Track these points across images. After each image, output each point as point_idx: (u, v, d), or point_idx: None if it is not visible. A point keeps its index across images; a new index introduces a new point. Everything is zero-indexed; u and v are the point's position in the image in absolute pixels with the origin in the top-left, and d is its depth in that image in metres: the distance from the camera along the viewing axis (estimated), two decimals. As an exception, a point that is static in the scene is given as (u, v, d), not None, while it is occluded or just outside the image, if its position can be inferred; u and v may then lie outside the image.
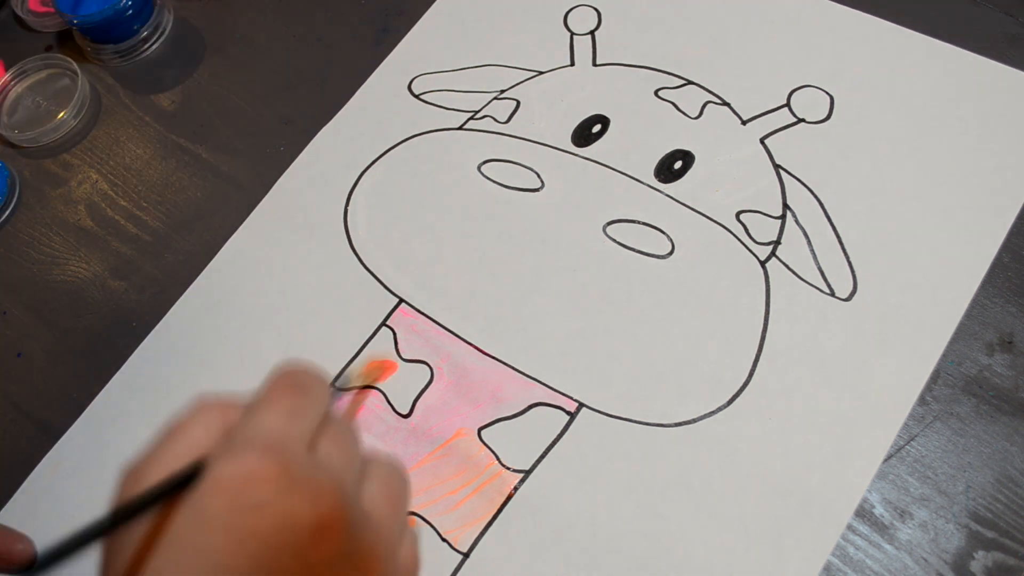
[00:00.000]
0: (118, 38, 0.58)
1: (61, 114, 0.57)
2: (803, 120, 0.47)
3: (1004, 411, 0.39)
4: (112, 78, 0.59)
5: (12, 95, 0.59)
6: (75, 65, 0.58)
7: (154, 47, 0.60)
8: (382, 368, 0.44)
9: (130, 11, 0.57)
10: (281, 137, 0.54)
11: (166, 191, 0.54)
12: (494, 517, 0.40)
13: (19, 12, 0.62)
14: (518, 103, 0.51)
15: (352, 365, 0.45)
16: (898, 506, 0.38)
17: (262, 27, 0.59)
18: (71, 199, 0.55)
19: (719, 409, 0.41)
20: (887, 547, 0.37)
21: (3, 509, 0.45)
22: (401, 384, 0.44)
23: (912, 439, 0.39)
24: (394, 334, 0.46)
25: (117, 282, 0.52)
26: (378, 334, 0.46)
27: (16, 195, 0.56)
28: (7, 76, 0.59)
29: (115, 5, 0.56)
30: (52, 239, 0.54)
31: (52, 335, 0.51)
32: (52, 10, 0.60)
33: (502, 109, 0.51)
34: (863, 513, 0.38)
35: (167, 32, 0.60)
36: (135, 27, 0.58)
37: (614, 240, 0.46)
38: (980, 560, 0.37)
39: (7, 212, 0.55)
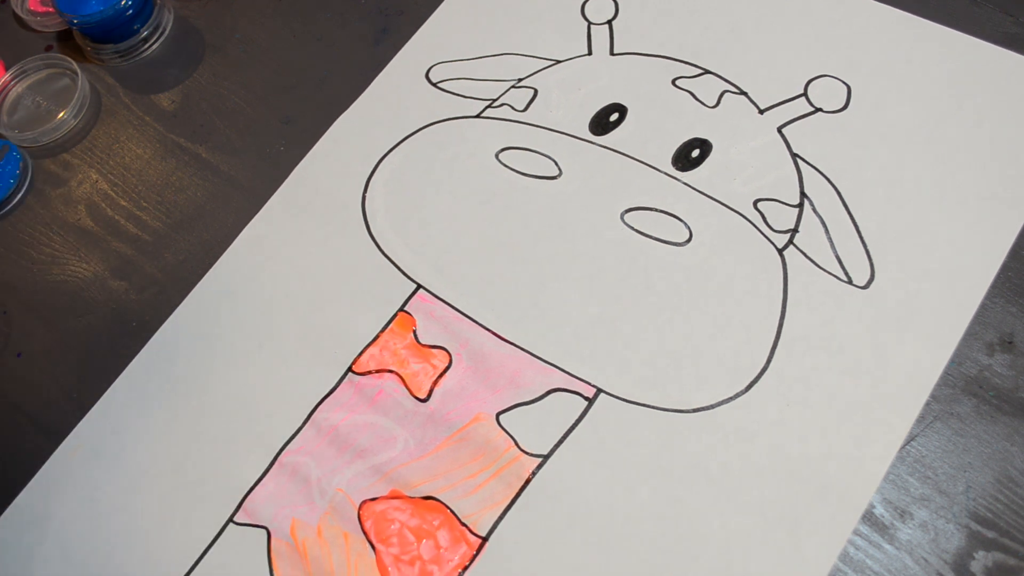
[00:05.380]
0: (118, 38, 0.60)
1: (61, 114, 0.59)
2: (820, 109, 0.49)
3: (1004, 411, 0.40)
4: (112, 78, 0.61)
5: (12, 95, 0.61)
6: (75, 65, 0.60)
7: (154, 47, 0.61)
8: None
9: (130, 11, 0.59)
10: (281, 137, 0.55)
11: (166, 191, 0.55)
12: (512, 501, 0.42)
13: (19, 12, 0.64)
14: (536, 92, 0.53)
15: None
16: (898, 506, 0.39)
17: (262, 27, 0.60)
18: (71, 199, 0.57)
19: (737, 395, 0.42)
20: (887, 547, 0.38)
21: (10, 507, 0.47)
22: (420, 369, 0.46)
23: (912, 439, 0.40)
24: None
25: (117, 282, 0.53)
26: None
27: (28, 178, 0.58)
28: (7, 76, 0.61)
29: (115, 5, 0.58)
30: (52, 239, 0.55)
31: (52, 335, 0.52)
32: (52, 10, 0.62)
33: (520, 97, 0.53)
34: (863, 513, 0.39)
35: (167, 32, 0.62)
36: (135, 27, 0.60)
37: (632, 228, 0.47)
38: (980, 560, 0.38)
39: (19, 195, 0.57)
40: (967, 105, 0.47)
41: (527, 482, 0.42)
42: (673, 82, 0.52)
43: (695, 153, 0.49)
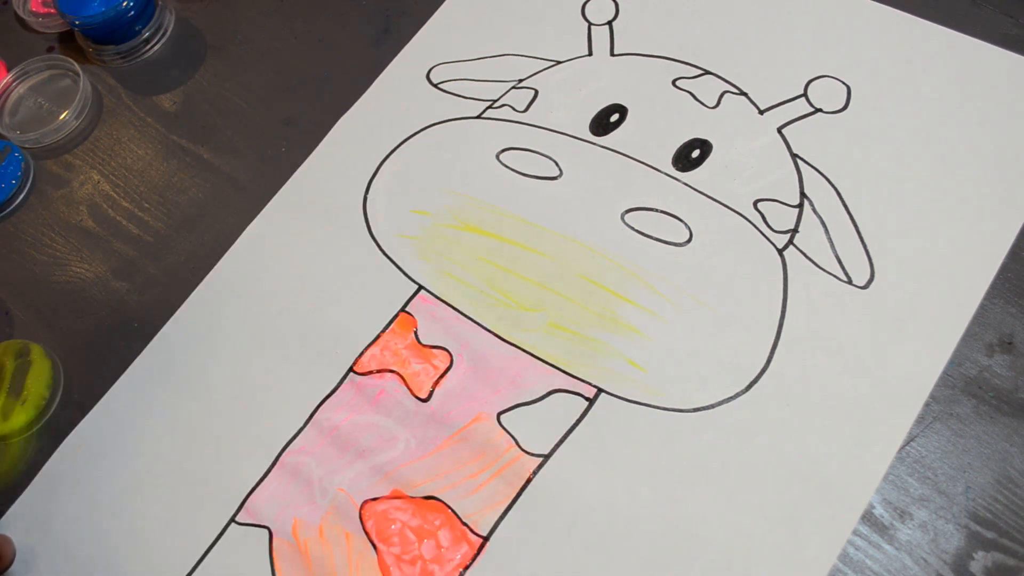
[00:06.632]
0: (120, 39, 0.61)
1: (63, 115, 0.59)
2: (820, 110, 0.49)
3: (1004, 412, 0.41)
4: (114, 79, 0.61)
5: (14, 96, 0.62)
6: (77, 66, 0.60)
7: (155, 48, 0.62)
8: None
9: (132, 12, 0.59)
10: (282, 138, 0.56)
11: (167, 192, 0.56)
12: (513, 501, 0.42)
13: (21, 13, 0.65)
14: (536, 92, 0.53)
15: None
16: (898, 507, 0.39)
17: (263, 28, 0.61)
18: (73, 200, 0.57)
19: (737, 395, 0.43)
20: (887, 547, 0.39)
21: (12, 507, 0.48)
22: (421, 369, 0.46)
23: (912, 440, 0.40)
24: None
25: (119, 283, 0.53)
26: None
27: (30, 180, 0.58)
28: (9, 77, 0.61)
29: (117, 6, 0.59)
30: (54, 240, 0.56)
31: (54, 336, 0.52)
32: (54, 11, 0.63)
33: (520, 98, 0.53)
34: (863, 514, 0.39)
35: (168, 33, 0.62)
36: (137, 28, 0.61)
37: (632, 228, 0.47)
38: (980, 560, 0.38)
39: (21, 196, 0.58)
40: (967, 105, 0.48)
41: (528, 482, 0.43)
42: (673, 83, 0.52)
43: (695, 153, 0.49)
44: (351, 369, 0.47)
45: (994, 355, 0.42)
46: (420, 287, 0.49)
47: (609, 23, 0.55)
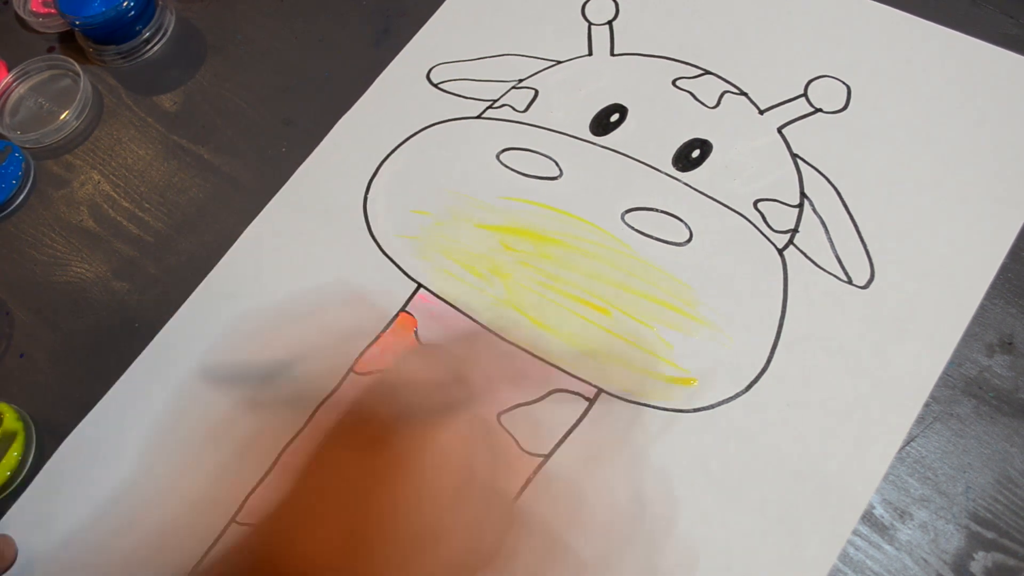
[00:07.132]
0: (120, 39, 0.61)
1: (63, 115, 0.59)
2: (820, 110, 0.49)
3: (1004, 412, 0.41)
4: (114, 79, 0.61)
5: (14, 96, 0.62)
6: (77, 66, 0.60)
7: (156, 48, 0.62)
8: None
9: (132, 12, 0.59)
10: (282, 138, 0.56)
11: (168, 192, 0.56)
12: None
13: (21, 13, 0.65)
14: (536, 92, 0.53)
15: None
16: (898, 507, 0.39)
17: (263, 28, 0.61)
18: (73, 200, 0.57)
19: (737, 395, 0.43)
20: (887, 548, 0.39)
21: (12, 508, 0.48)
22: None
23: (912, 440, 0.40)
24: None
25: (119, 283, 0.53)
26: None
27: (31, 180, 0.58)
28: (9, 77, 0.61)
29: (117, 6, 0.59)
30: (55, 240, 0.56)
31: (54, 336, 0.53)
32: (54, 11, 0.63)
33: (520, 98, 0.53)
34: (863, 514, 0.39)
35: (169, 33, 0.62)
36: (137, 28, 0.61)
37: (633, 228, 0.47)
38: (980, 561, 0.38)
39: (22, 196, 0.58)
40: (967, 105, 0.48)
41: (528, 482, 0.43)
42: (673, 82, 0.52)
43: (695, 153, 0.49)
44: (351, 369, 0.47)
45: (994, 355, 0.42)
46: (420, 285, 0.49)
47: (609, 23, 0.55)
